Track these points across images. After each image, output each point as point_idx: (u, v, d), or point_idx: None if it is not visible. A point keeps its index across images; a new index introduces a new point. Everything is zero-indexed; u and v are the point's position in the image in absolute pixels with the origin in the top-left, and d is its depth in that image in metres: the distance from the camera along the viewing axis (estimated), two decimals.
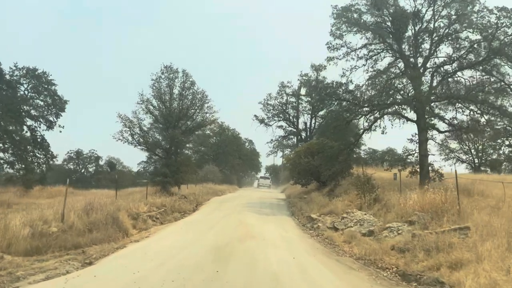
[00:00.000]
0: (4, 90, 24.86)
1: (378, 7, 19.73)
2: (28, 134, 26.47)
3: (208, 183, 33.35)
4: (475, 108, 18.32)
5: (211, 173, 38.76)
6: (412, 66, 19.55)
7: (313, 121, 42.33)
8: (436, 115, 19.12)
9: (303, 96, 42.77)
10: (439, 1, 19.09)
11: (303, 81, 41.59)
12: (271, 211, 19.73)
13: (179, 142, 23.76)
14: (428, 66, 19.76)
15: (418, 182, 17.17)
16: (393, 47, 20.29)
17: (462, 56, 18.73)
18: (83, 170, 49.79)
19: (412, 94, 18.72)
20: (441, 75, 19.57)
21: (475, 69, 18.64)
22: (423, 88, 18.73)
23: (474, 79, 18.71)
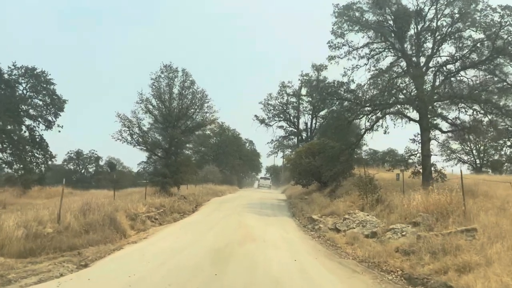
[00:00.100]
0: (3, 90, 24.68)
1: (380, 6, 19.51)
2: (26, 134, 26.26)
3: (208, 184, 33.10)
4: (478, 107, 18.09)
5: (211, 174, 38.53)
6: (414, 65, 19.33)
7: (314, 121, 42.19)
8: (439, 115, 18.89)
9: (303, 96, 42.64)
10: None
11: (303, 81, 41.44)
12: (272, 212, 19.49)
13: (179, 142, 23.52)
14: (431, 65, 19.54)
15: (421, 182, 16.93)
16: (395, 46, 20.07)
17: (465, 55, 18.50)
18: (83, 171, 49.61)
19: (414, 94, 18.47)
20: (443, 74, 19.35)
21: (478, 69, 18.41)
22: (425, 87, 18.49)
23: (478, 79, 18.51)
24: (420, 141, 18.49)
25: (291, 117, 43.47)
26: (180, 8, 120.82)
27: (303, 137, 42.38)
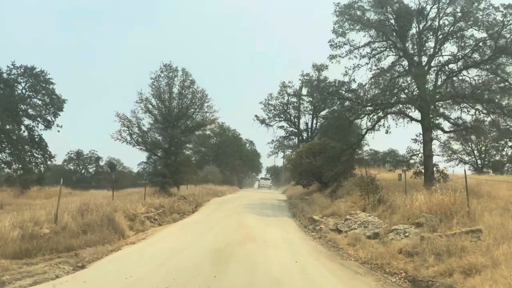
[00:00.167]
0: (1, 89, 24.54)
1: (381, 4, 19.35)
2: (25, 133, 26.09)
3: (208, 184, 32.94)
4: (481, 107, 17.92)
5: (211, 174, 38.36)
6: (416, 64, 19.16)
7: (315, 121, 42.04)
8: (441, 114, 18.71)
9: (304, 96, 42.48)
10: None
11: (304, 81, 41.27)
12: (272, 212, 19.33)
13: (179, 142, 23.36)
14: (433, 64, 19.37)
15: (423, 183, 16.75)
16: (397, 45, 19.90)
17: (467, 54, 18.33)
18: (83, 171, 49.43)
19: (416, 93, 18.30)
20: (445, 74, 19.18)
21: (481, 68, 18.25)
22: (427, 86, 18.32)
23: (480, 78, 18.35)
24: (422, 141, 18.36)
25: (292, 117, 43.33)
26: (180, 8, 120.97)
27: (304, 137, 42.21)
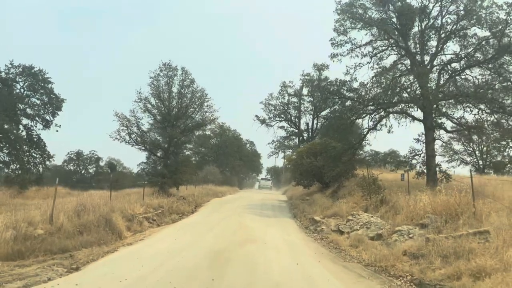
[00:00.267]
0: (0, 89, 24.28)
1: (383, 2, 19.11)
2: (24, 133, 25.83)
3: (208, 185, 32.66)
4: (484, 107, 17.68)
5: (211, 174, 38.08)
6: (418, 63, 18.93)
7: (315, 121, 41.80)
8: (443, 114, 18.47)
9: (305, 96, 42.25)
10: None
11: (305, 81, 41.04)
12: (273, 213, 19.08)
13: (178, 142, 23.13)
14: (435, 63, 19.15)
15: (425, 183, 16.50)
16: (399, 44, 19.66)
17: (469, 53, 18.10)
18: (83, 171, 49.19)
19: (419, 92, 18.05)
20: (448, 73, 18.95)
21: (484, 67, 18.01)
22: (430, 85, 18.07)
23: (484, 77, 18.11)
24: (424, 141, 18.12)
25: (292, 117, 43.09)
26: (180, 8, 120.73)
27: (304, 137, 41.97)
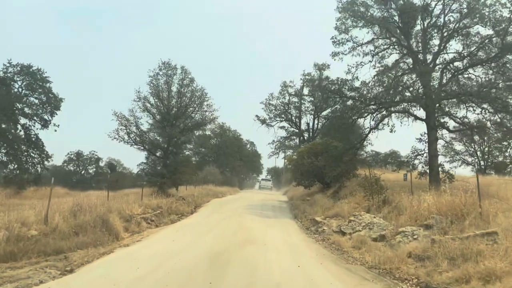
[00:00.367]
0: None
1: (385, 0, 18.88)
2: (22, 133, 25.60)
3: (208, 185, 32.40)
4: (487, 106, 17.43)
5: (211, 175, 37.82)
6: (420, 62, 18.69)
7: (316, 121, 41.52)
8: (446, 113, 18.23)
9: (305, 96, 41.98)
10: None
11: (305, 81, 40.79)
12: (273, 213, 18.82)
13: (178, 142, 22.89)
14: (438, 62, 18.90)
15: (428, 183, 16.25)
16: (401, 42, 19.43)
17: (472, 52, 17.86)
18: (83, 172, 48.95)
19: (421, 91, 17.81)
20: (451, 72, 18.71)
21: (487, 66, 17.78)
22: (433, 84, 17.83)
23: (487, 76, 17.87)
24: (427, 140, 17.87)
25: (293, 117, 42.79)
26: (180, 8, 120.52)
27: (305, 137, 41.68)
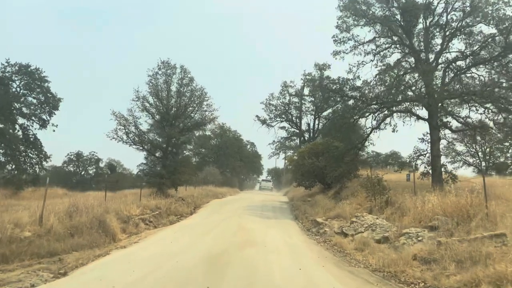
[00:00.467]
0: None
1: None
2: (20, 133, 25.33)
3: (208, 186, 32.15)
4: (491, 105, 17.18)
5: (211, 175, 37.57)
6: (423, 61, 18.44)
7: (317, 122, 41.27)
8: (449, 113, 17.98)
9: (306, 96, 41.75)
10: None
11: (306, 81, 40.55)
12: (274, 214, 18.57)
13: (177, 142, 22.65)
14: (440, 61, 18.67)
15: (430, 184, 16.01)
16: (403, 41, 19.19)
17: (475, 51, 17.63)
18: (83, 172, 48.74)
19: (424, 90, 17.57)
20: (453, 71, 18.47)
21: (490, 65, 17.54)
22: (436, 82, 17.60)
23: (490, 75, 17.63)
24: (429, 140, 17.63)
25: (293, 118, 42.56)
26: (180, 8, 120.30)
27: (306, 138, 41.45)
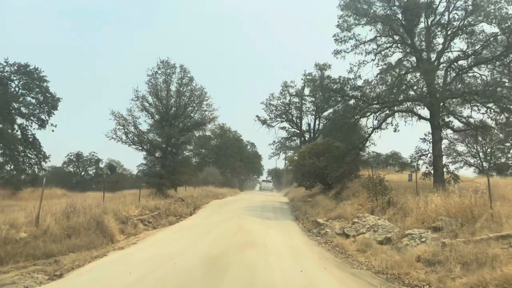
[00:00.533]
0: None
1: None
2: (18, 133, 25.20)
3: (208, 186, 31.99)
4: (493, 105, 17.02)
5: (211, 176, 37.41)
6: (424, 61, 18.28)
7: (317, 122, 41.09)
8: (451, 112, 17.81)
9: (306, 97, 41.56)
10: None
11: (307, 81, 40.38)
12: (274, 215, 18.39)
13: (177, 142, 22.49)
14: (442, 61, 18.50)
15: (431, 184, 15.85)
16: (405, 40, 19.03)
17: (477, 51, 17.46)
18: (83, 173, 48.62)
19: (426, 90, 17.40)
20: (455, 71, 18.31)
21: (492, 64, 17.38)
22: (437, 82, 17.42)
23: (492, 75, 17.48)
24: (431, 140, 17.46)
25: (294, 118, 42.38)
26: (180, 8, 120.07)
27: (306, 138, 41.28)
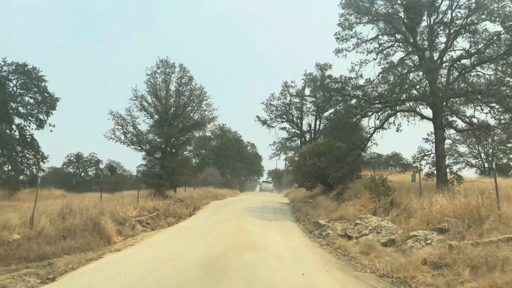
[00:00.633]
0: None
1: None
2: (16, 133, 24.98)
3: (208, 187, 31.74)
4: (497, 105, 16.76)
5: (211, 177, 37.15)
6: (427, 60, 18.04)
7: (318, 122, 40.82)
8: (454, 112, 17.56)
9: (307, 97, 41.32)
10: None
11: (307, 81, 40.14)
12: (274, 216, 18.13)
13: (176, 143, 22.25)
14: (444, 60, 18.25)
15: (434, 185, 15.59)
16: (407, 39, 18.79)
17: (480, 50, 17.22)
18: (83, 174, 48.46)
19: (428, 89, 17.15)
20: (458, 70, 18.06)
21: (495, 63, 17.13)
22: (440, 81, 17.18)
23: (496, 73, 17.23)
24: (434, 140, 17.20)
25: (294, 118, 42.14)
26: (180, 8, 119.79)
27: (307, 138, 41.04)
